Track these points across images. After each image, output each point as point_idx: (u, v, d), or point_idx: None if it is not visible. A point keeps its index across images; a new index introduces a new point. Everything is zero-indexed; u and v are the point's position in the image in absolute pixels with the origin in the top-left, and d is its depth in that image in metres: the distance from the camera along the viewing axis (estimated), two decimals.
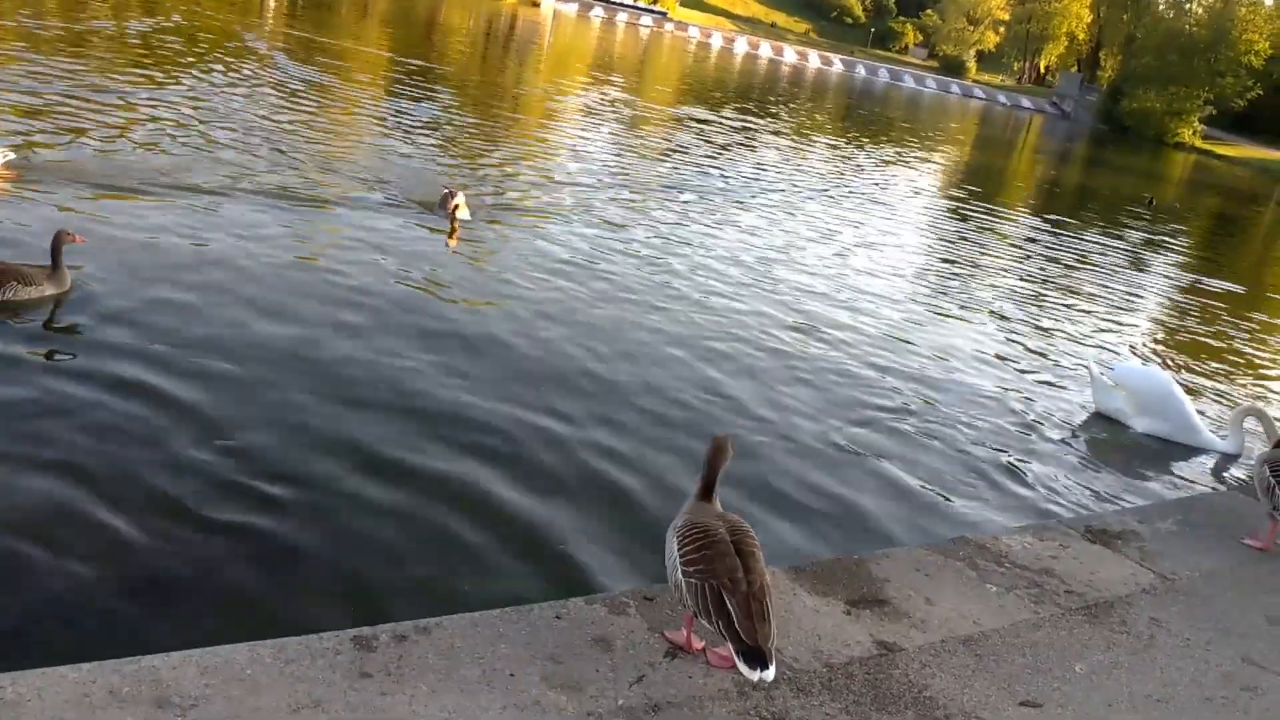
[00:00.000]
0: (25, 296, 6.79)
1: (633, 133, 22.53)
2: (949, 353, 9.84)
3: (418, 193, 11.50)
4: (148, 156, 10.86)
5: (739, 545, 3.36)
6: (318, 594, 4.40)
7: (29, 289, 6.82)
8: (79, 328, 6.65)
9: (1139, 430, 8.50)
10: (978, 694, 3.63)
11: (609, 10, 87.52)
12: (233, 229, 9.02)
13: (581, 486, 5.72)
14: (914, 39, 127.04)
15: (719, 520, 3.47)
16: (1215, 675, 4.06)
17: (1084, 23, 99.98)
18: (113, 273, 7.55)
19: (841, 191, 20.01)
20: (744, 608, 3.19)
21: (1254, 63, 73.98)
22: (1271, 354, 13.45)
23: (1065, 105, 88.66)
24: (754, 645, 3.14)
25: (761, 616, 3.20)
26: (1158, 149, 69.55)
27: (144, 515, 4.66)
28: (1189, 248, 24.15)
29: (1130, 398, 8.61)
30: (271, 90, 16.39)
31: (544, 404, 6.66)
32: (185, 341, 6.57)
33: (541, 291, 9.12)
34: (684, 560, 3.32)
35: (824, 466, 6.56)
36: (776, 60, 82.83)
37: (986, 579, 4.50)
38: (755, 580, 3.27)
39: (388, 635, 3.32)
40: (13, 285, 6.76)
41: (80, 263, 7.39)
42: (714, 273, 11.03)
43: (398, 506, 5.14)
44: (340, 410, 6.04)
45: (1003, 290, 13.60)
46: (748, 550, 3.36)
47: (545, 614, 3.59)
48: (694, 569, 3.28)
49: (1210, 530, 5.52)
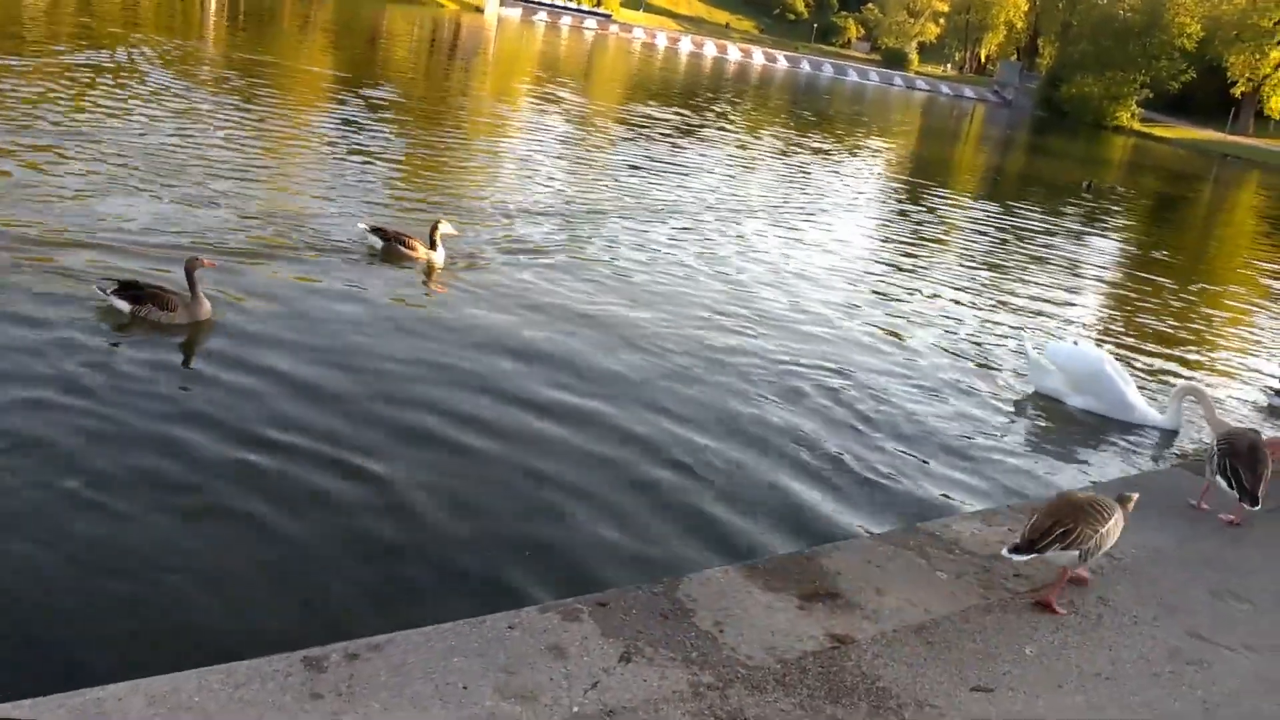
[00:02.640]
0: (159, 320, 7.06)
1: (584, 141, 22.49)
2: (891, 343, 9.93)
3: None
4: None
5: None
6: (269, 615, 4.35)
7: (164, 313, 7.07)
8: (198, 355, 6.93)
9: (1077, 407, 8.69)
10: (930, 681, 3.67)
11: (553, 15, 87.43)
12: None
13: (533, 496, 5.71)
14: (856, 33, 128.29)
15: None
16: (1162, 651, 4.14)
17: (1021, 11, 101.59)
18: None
19: (786, 187, 20.15)
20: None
21: (1187, 45, 75.57)
22: (1210, 329, 13.73)
23: (1006, 93, 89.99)
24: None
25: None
26: (1097, 133, 70.80)
27: (70, 540, 4.58)
28: (1128, 229, 24.61)
29: (1064, 377, 8.79)
30: (215, 127, 15.36)
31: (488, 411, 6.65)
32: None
33: (502, 318, 9.09)
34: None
35: (769, 462, 6.60)
36: (721, 58, 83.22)
37: (937, 567, 4.55)
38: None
39: (339, 654, 3.30)
40: (149, 307, 7.03)
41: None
42: (655, 266, 11.07)
43: (355, 520, 5.11)
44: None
45: (943, 279, 13.76)
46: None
47: (498, 625, 3.58)
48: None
49: (1155, 509, 5.60)
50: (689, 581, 4.10)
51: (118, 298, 7.11)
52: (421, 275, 9.56)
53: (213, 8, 39.02)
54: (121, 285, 7.18)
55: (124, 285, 7.18)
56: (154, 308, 7.05)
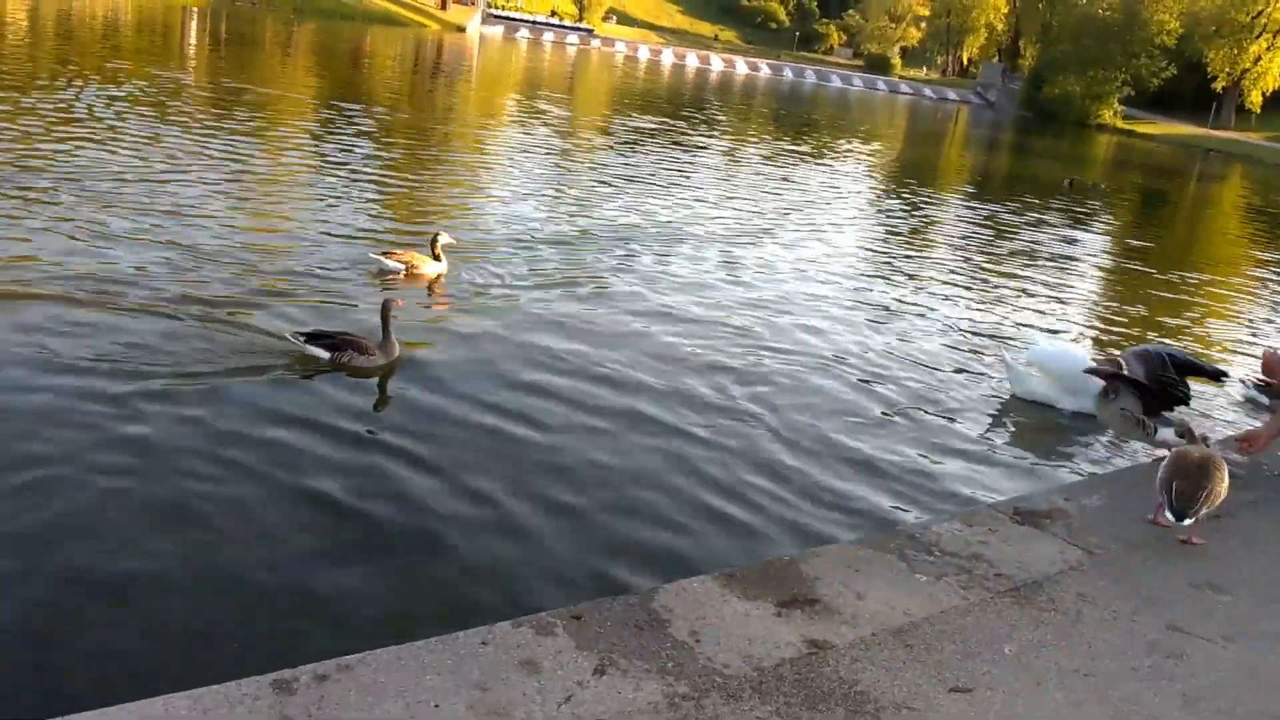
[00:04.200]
0: (359, 364, 7.34)
1: (572, 156, 22.54)
2: (871, 348, 9.93)
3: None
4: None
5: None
6: (240, 638, 4.33)
7: (364, 358, 7.35)
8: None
9: (1068, 409, 8.57)
10: (908, 684, 3.65)
11: (534, 31, 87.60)
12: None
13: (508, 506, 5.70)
14: (838, 40, 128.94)
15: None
16: (1141, 644, 4.13)
17: (1001, 13, 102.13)
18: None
19: (771, 195, 20.20)
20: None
21: (1166, 42, 76.08)
22: (1192, 322, 13.76)
23: (990, 95, 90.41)
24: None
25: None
26: (1080, 131, 71.13)
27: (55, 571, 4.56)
28: (1110, 225, 24.73)
29: (1050, 379, 8.65)
30: (209, 169, 14.93)
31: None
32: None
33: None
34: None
35: (752, 468, 6.59)
36: (704, 69, 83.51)
37: (916, 569, 4.54)
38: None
39: (308, 676, 3.27)
40: (350, 353, 7.30)
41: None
42: (637, 266, 11.08)
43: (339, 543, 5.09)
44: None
45: (924, 281, 13.81)
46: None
47: (471, 641, 3.56)
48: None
49: (1136, 503, 5.60)
50: (665, 592, 4.08)
51: (314, 345, 7.36)
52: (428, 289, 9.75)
53: (193, 33, 39.10)
54: (310, 335, 7.47)
55: (314, 335, 7.48)
56: (354, 353, 7.33)
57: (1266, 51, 75.57)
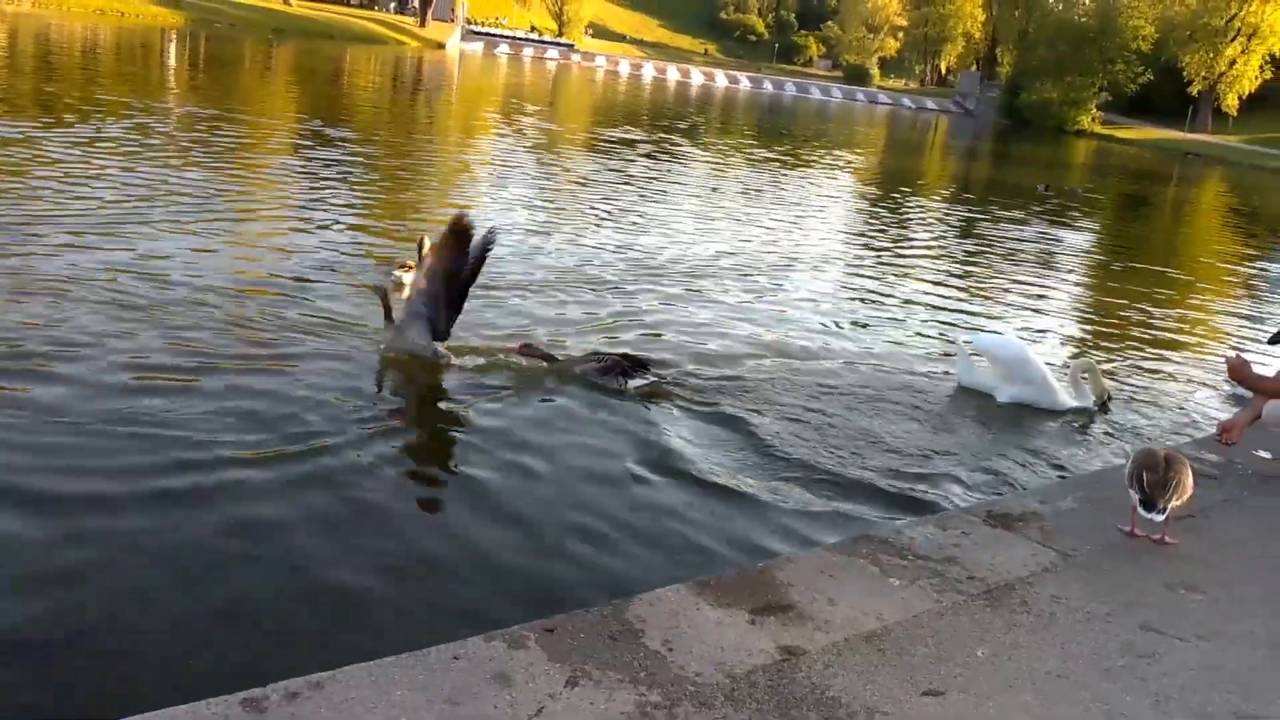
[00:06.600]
0: (617, 386, 7.63)
1: (555, 169, 22.60)
2: (837, 351, 9.92)
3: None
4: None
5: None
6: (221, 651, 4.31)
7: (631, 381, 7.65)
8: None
9: (1003, 400, 8.65)
10: (880, 688, 3.67)
11: (514, 46, 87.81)
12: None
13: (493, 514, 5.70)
14: (817, 51, 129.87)
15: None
16: (1115, 645, 4.15)
17: (978, 22, 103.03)
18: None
19: (752, 202, 20.27)
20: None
21: (1142, 47, 76.85)
22: (1171, 320, 13.84)
23: (968, 103, 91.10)
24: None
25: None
26: (1059, 138, 71.71)
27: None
28: (1087, 229, 24.90)
29: (994, 368, 8.78)
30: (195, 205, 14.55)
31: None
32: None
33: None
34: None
35: (726, 474, 6.58)
36: (684, 82, 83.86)
37: (890, 574, 4.56)
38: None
39: (279, 694, 3.26)
40: (619, 378, 7.61)
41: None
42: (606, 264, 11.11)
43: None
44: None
45: (892, 284, 13.86)
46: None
47: (443, 656, 3.56)
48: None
49: (1111, 504, 5.63)
50: (639, 602, 4.09)
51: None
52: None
53: (173, 57, 39.07)
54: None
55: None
56: (622, 378, 7.68)
57: (1241, 55, 76.33)
